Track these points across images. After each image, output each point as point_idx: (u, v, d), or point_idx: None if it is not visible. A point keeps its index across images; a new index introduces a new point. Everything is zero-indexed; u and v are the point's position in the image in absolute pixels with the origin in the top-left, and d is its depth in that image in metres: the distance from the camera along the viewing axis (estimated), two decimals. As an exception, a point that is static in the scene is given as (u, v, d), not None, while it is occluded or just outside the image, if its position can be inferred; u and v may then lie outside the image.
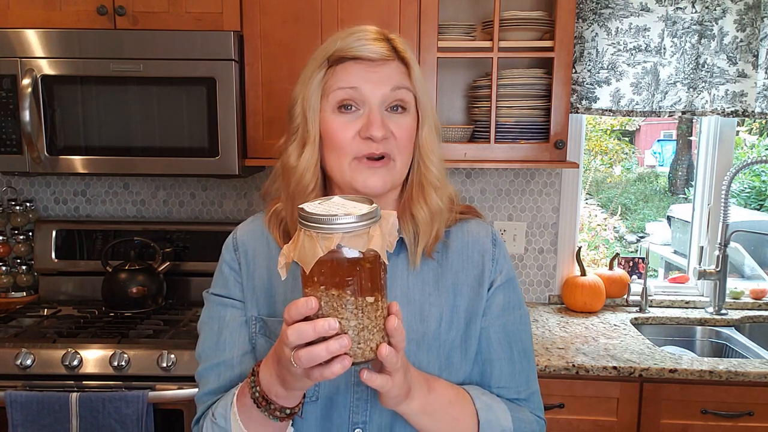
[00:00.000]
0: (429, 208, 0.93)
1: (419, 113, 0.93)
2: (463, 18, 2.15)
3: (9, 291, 2.24)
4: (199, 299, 1.03)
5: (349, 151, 0.88)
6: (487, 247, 0.99)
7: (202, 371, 0.97)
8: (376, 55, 0.88)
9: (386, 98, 0.89)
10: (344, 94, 0.88)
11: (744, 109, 2.11)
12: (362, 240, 0.68)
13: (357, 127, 0.88)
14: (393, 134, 0.89)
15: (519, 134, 1.98)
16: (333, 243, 0.67)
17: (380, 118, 0.88)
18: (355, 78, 0.88)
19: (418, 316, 0.94)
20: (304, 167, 0.91)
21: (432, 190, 0.93)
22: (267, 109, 1.92)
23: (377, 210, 0.70)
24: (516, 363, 0.98)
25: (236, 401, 0.84)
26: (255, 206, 2.32)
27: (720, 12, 2.07)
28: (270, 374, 0.78)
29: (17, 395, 1.61)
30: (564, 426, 1.76)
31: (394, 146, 0.89)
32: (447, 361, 0.94)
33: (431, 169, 0.93)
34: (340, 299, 0.69)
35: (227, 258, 1.00)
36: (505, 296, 0.99)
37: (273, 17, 1.88)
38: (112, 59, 1.83)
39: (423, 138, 0.93)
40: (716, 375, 1.69)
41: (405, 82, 0.90)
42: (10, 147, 1.86)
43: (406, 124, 0.91)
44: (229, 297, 0.98)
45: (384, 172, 0.89)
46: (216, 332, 0.97)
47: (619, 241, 5.29)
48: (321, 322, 0.68)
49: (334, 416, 0.92)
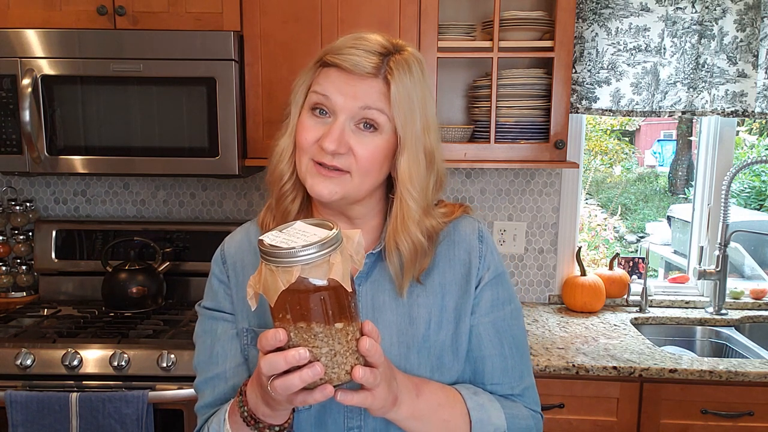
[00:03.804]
0: (413, 242, 0.91)
1: (399, 138, 0.88)
2: (463, 18, 2.15)
3: (9, 291, 2.24)
4: (199, 299, 1.04)
5: (307, 153, 0.88)
6: (474, 245, 0.98)
7: (199, 384, 0.99)
8: (356, 69, 0.85)
9: (354, 115, 0.86)
10: (316, 98, 0.87)
11: (744, 109, 2.11)
12: (323, 269, 0.68)
13: (319, 133, 0.87)
14: (352, 151, 0.86)
15: (519, 134, 1.98)
16: (293, 276, 0.67)
17: (339, 132, 0.85)
18: (330, 86, 0.86)
19: (407, 319, 0.94)
20: (280, 155, 0.92)
21: (413, 226, 0.90)
22: (267, 109, 1.92)
23: (337, 235, 0.69)
24: (508, 359, 0.97)
25: (228, 418, 0.86)
26: (255, 206, 2.32)
27: (720, 12, 2.07)
28: (255, 396, 0.79)
29: (17, 395, 1.61)
30: (564, 426, 1.76)
31: (352, 163, 0.86)
32: (438, 362, 0.94)
33: (411, 204, 0.89)
34: (309, 330, 0.69)
35: (216, 271, 1.00)
36: (494, 292, 0.98)
37: (273, 17, 1.88)
38: (112, 59, 1.83)
39: (401, 167, 0.88)
40: (716, 375, 1.69)
41: (379, 104, 0.85)
42: (10, 147, 1.86)
43: (373, 144, 0.86)
44: (219, 310, 0.99)
45: (336, 182, 0.87)
46: (209, 346, 0.98)
47: (619, 241, 5.29)
48: (291, 352, 0.69)
49: (329, 422, 0.92)
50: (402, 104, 0.86)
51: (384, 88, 0.86)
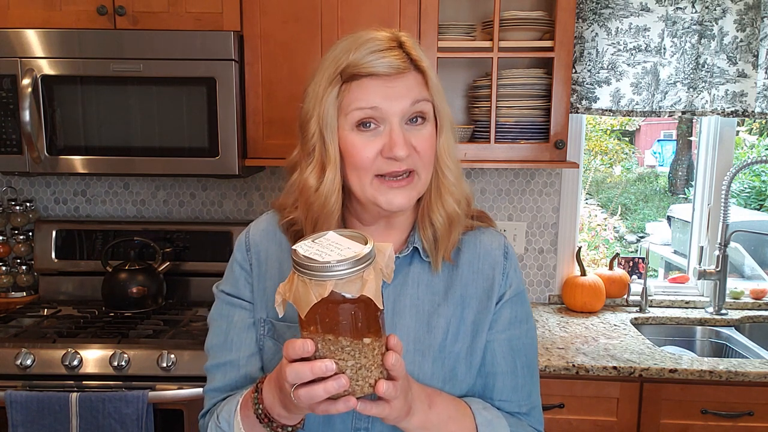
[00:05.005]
0: (447, 214, 0.92)
1: (437, 121, 0.91)
2: (463, 18, 2.15)
3: (9, 291, 2.24)
4: (199, 299, 1.04)
5: (371, 171, 0.86)
6: (498, 260, 0.98)
7: (210, 367, 0.98)
8: (393, 70, 0.84)
9: (406, 113, 0.86)
10: (363, 114, 0.85)
11: (744, 109, 2.11)
12: (356, 285, 0.68)
13: (378, 145, 0.85)
14: (415, 149, 0.86)
15: (519, 134, 1.98)
16: (326, 291, 0.67)
17: (402, 136, 0.85)
18: (374, 97, 0.84)
19: (425, 327, 0.94)
20: (328, 191, 0.87)
21: (449, 196, 0.92)
22: (267, 109, 1.92)
23: (372, 251, 0.70)
24: (519, 377, 0.98)
25: (240, 411, 0.85)
26: (255, 206, 2.32)
27: (720, 12, 2.07)
28: (273, 396, 0.79)
29: (17, 395, 1.61)
30: (564, 426, 1.76)
31: (418, 160, 0.87)
32: (451, 373, 0.94)
33: (448, 175, 0.92)
34: (336, 342, 0.70)
35: (239, 258, 0.99)
36: (513, 310, 0.98)
37: (273, 17, 1.88)
38: (112, 59, 1.83)
39: (441, 145, 0.91)
40: (716, 375, 1.69)
41: (424, 93, 0.87)
42: (10, 147, 1.86)
43: (427, 135, 0.88)
44: (238, 297, 0.98)
45: (408, 189, 0.88)
46: (224, 331, 0.97)
47: (619, 241, 5.28)
48: (318, 363, 0.69)
49: (337, 422, 0.92)
50: (436, 86, 0.89)
51: (419, 77, 0.88)
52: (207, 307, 1.05)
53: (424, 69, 0.88)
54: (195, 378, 1.67)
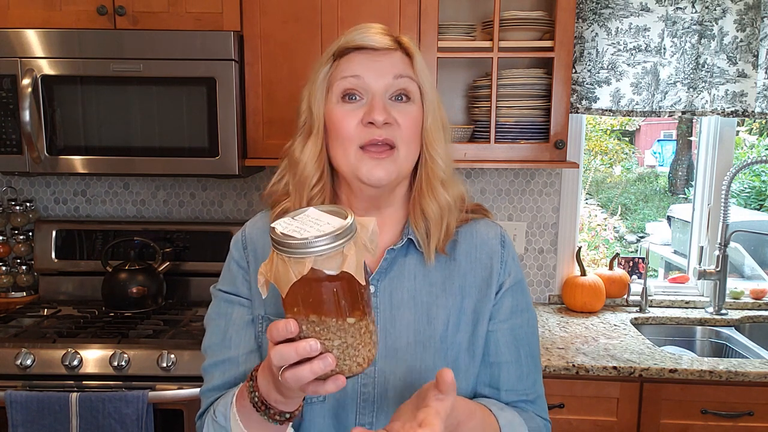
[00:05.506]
0: (438, 204, 0.93)
1: (424, 105, 0.92)
2: (463, 18, 2.15)
3: (9, 291, 2.24)
4: (199, 299, 1.04)
5: (353, 140, 0.88)
6: (496, 249, 0.99)
7: (208, 366, 0.98)
8: (379, 45, 0.89)
9: (389, 86, 0.89)
10: (347, 83, 0.89)
11: (744, 109, 2.11)
12: (336, 261, 0.66)
13: (360, 114, 0.88)
14: (396, 122, 0.89)
15: (519, 134, 1.98)
16: (305, 268, 0.65)
17: (383, 103, 0.88)
18: (358, 66, 0.89)
19: (425, 318, 0.94)
20: (308, 158, 0.91)
21: (439, 185, 0.93)
22: (267, 109, 1.92)
23: (352, 225, 0.67)
24: (523, 366, 0.98)
25: (236, 402, 0.84)
26: (255, 206, 2.32)
27: (720, 12, 2.07)
28: (267, 382, 0.78)
29: (17, 395, 1.61)
30: (564, 426, 1.76)
31: (399, 134, 0.89)
32: (454, 363, 0.94)
33: (437, 161, 0.93)
34: (321, 322, 0.68)
35: (235, 255, 0.99)
36: (514, 299, 0.98)
37: (273, 17, 1.88)
38: (112, 59, 1.83)
39: (427, 130, 0.92)
40: (716, 375, 1.69)
41: (408, 71, 0.91)
42: (10, 147, 1.86)
43: (411, 112, 0.90)
44: (236, 294, 0.98)
45: (388, 162, 0.89)
46: (222, 329, 0.97)
47: (619, 241, 5.28)
48: (302, 344, 0.68)
49: (342, 416, 0.92)
50: (424, 71, 0.93)
51: (406, 59, 0.92)
52: (207, 307, 1.04)
53: (411, 51, 0.92)
54: (195, 378, 1.67)
